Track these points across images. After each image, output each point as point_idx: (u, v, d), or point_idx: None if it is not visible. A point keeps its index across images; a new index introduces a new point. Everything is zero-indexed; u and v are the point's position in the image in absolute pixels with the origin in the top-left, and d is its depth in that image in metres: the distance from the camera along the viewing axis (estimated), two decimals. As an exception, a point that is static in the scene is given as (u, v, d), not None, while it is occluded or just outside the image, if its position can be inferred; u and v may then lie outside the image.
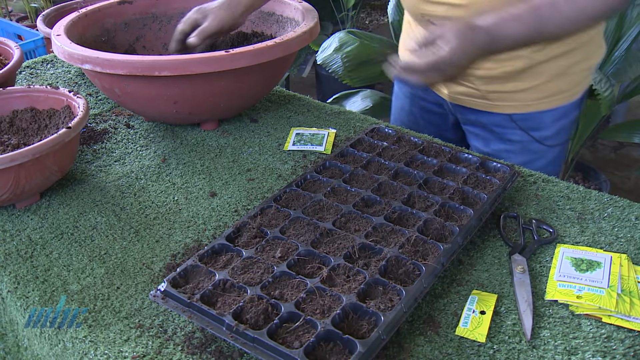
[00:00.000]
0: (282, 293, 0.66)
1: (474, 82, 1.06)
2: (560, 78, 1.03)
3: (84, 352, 0.65)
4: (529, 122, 1.07)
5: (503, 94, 1.05)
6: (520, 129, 1.08)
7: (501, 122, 1.09)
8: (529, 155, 1.10)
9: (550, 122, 1.07)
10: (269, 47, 0.95)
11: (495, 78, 1.03)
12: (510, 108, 1.07)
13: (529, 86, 1.03)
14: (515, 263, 0.74)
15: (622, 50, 1.99)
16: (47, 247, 0.81)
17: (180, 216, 0.87)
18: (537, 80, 1.02)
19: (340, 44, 2.12)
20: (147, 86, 0.96)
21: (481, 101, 1.09)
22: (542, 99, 1.05)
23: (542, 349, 0.63)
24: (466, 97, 1.10)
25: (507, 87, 1.04)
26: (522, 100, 1.05)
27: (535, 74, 1.02)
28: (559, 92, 1.04)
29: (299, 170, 0.98)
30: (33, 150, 0.80)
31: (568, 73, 1.03)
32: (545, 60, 1.00)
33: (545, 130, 1.08)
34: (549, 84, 1.03)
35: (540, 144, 1.08)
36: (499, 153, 1.12)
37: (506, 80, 1.03)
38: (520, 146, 1.10)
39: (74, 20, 1.11)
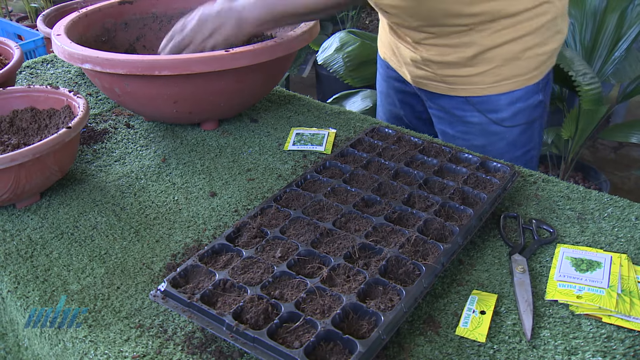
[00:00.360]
0: (282, 293, 0.66)
1: (430, 67, 1.12)
2: (512, 63, 1.07)
3: (84, 352, 0.65)
4: (485, 104, 1.12)
5: (459, 78, 1.11)
6: (478, 111, 1.13)
7: (460, 105, 1.14)
8: (488, 136, 1.15)
9: (506, 104, 1.12)
10: (269, 47, 0.95)
11: (450, 63, 1.09)
12: (466, 91, 1.12)
13: (482, 70, 1.08)
14: (515, 263, 0.74)
15: (622, 51, 1.99)
16: (47, 247, 0.81)
17: (181, 216, 0.87)
18: (489, 65, 1.07)
19: (341, 43, 2.12)
20: (147, 86, 0.96)
21: (440, 85, 1.14)
22: (495, 83, 1.09)
23: (542, 349, 0.63)
24: (427, 81, 1.16)
25: (461, 71, 1.09)
26: (477, 84, 1.10)
27: (487, 60, 1.07)
28: (513, 76, 1.09)
29: (299, 170, 0.98)
30: (33, 150, 0.80)
31: (521, 58, 1.07)
32: (495, 46, 1.05)
33: (501, 112, 1.12)
34: (502, 68, 1.07)
35: (498, 125, 1.13)
36: (462, 135, 1.17)
37: (461, 65, 1.08)
38: (480, 128, 1.15)
39: (75, 20, 1.11)
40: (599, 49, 2.04)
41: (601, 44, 2.03)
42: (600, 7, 2.01)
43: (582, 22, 2.04)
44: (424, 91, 1.20)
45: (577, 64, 1.73)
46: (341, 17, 3.21)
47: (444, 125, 1.21)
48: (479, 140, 1.16)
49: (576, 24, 2.05)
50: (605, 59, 2.03)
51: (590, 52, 2.05)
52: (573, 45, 2.06)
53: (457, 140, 1.19)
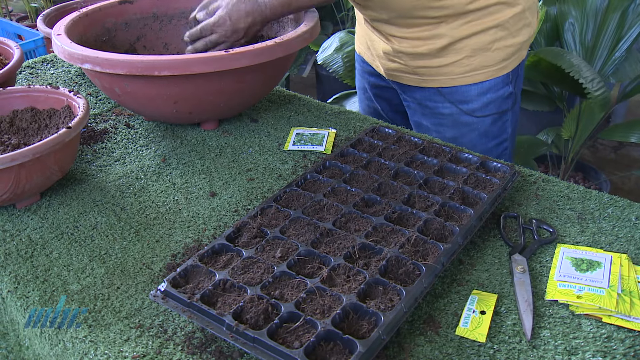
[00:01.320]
0: (282, 293, 0.66)
1: (402, 59, 1.15)
2: (481, 54, 1.11)
3: (84, 352, 0.65)
4: (456, 95, 1.15)
5: (430, 69, 1.14)
6: (449, 102, 1.16)
7: (431, 97, 1.17)
8: (460, 128, 1.19)
9: (476, 95, 1.15)
10: (269, 47, 0.95)
11: (421, 54, 1.12)
12: (437, 82, 1.15)
13: (452, 61, 1.12)
14: (515, 263, 0.74)
15: (622, 50, 1.99)
16: (47, 247, 0.81)
17: (181, 216, 0.87)
18: (459, 55, 1.11)
19: (341, 43, 2.12)
20: (147, 86, 0.96)
21: (412, 76, 1.17)
22: (466, 73, 1.13)
23: (543, 349, 0.63)
24: (399, 73, 1.19)
25: (433, 62, 1.12)
26: (447, 75, 1.13)
27: (457, 50, 1.10)
28: (482, 67, 1.12)
29: (299, 170, 0.98)
30: (33, 150, 0.80)
31: (490, 49, 1.11)
32: (465, 37, 1.09)
33: (472, 103, 1.16)
34: (471, 58, 1.11)
35: (469, 115, 1.17)
36: (435, 127, 1.21)
37: (432, 56, 1.12)
38: (452, 119, 1.18)
39: (75, 19, 1.11)
40: (599, 49, 2.04)
41: (602, 44, 2.03)
42: (601, 7, 2.01)
43: (583, 22, 2.04)
44: (397, 84, 1.23)
45: (584, 70, 1.74)
46: (341, 17, 3.21)
47: (418, 117, 1.24)
48: (451, 132, 1.19)
49: (576, 24, 2.05)
50: (605, 59, 2.03)
51: (591, 52, 2.05)
52: (573, 45, 2.06)
53: (430, 132, 1.22)
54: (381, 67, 1.23)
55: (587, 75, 1.73)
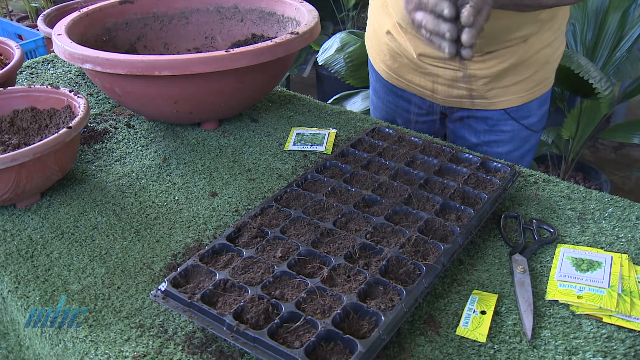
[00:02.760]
0: (283, 293, 0.66)
1: (473, 84, 1.09)
2: (544, 67, 1.09)
3: (85, 352, 0.65)
4: (520, 112, 1.13)
5: (500, 90, 1.10)
6: (513, 119, 1.13)
7: (496, 116, 1.14)
8: (517, 142, 1.16)
9: (536, 109, 1.14)
10: (269, 47, 0.95)
11: (494, 76, 1.07)
12: (505, 103, 1.12)
13: (522, 78, 1.09)
14: (515, 263, 0.74)
15: (623, 51, 1.99)
16: (47, 247, 0.81)
17: (181, 216, 0.87)
18: (528, 72, 1.08)
19: (342, 44, 2.12)
20: (148, 86, 0.96)
21: (479, 101, 1.12)
22: (532, 89, 1.11)
23: (543, 349, 0.63)
24: (462, 99, 1.13)
25: (503, 82, 1.09)
26: (516, 94, 1.10)
27: (527, 66, 1.07)
28: (543, 80, 1.11)
29: (299, 170, 0.98)
30: (34, 150, 0.80)
31: (550, 62, 1.10)
32: (535, 52, 1.06)
33: (532, 117, 1.14)
34: (537, 73, 1.09)
35: (528, 130, 1.15)
36: (488, 143, 1.17)
37: (503, 76, 1.08)
38: (511, 135, 1.15)
39: (75, 19, 1.11)
40: (600, 49, 2.04)
41: (603, 44, 2.03)
42: (602, 8, 2.02)
43: (584, 22, 2.04)
44: (453, 108, 1.17)
45: (592, 70, 1.75)
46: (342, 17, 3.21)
47: (468, 134, 1.18)
48: (506, 147, 1.15)
49: (577, 25, 2.05)
50: (606, 59, 2.03)
51: (592, 52, 2.05)
52: (574, 45, 2.06)
53: (478, 147, 1.16)
54: (438, 95, 1.14)
55: (596, 75, 1.74)
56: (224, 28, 1.29)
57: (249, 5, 1.26)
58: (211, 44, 1.30)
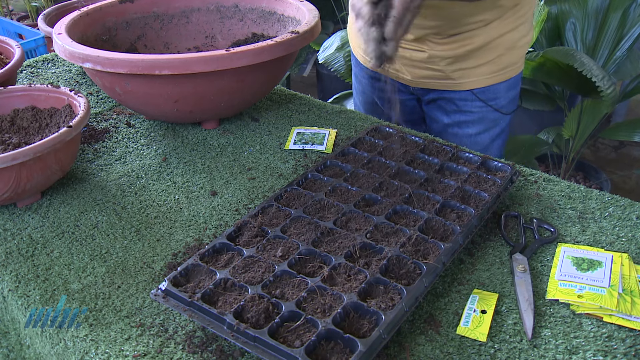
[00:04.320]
0: (283, 292, 0.66)
1: (439, 64, 1.14)
2: (510, 51, 1.13)
3: (85, 351, 0.65)
4: (487, 94, 1.17)
5: (465, 71, 1.14)
6: (480, 101, 1.17)
7: (463, 97, 1.18)
8: (486, 123, 1.20)
9: (504, 92, 1.18)
10: (270, 46, 0.95)
11: (458, 57, 1.12)
12: (472, 84, 1.16)
13: (487, 61, 1.13)
14: (516, 262, 0.74)
15: (623, 50, 1.99)
16: (48, 246, 0.81)
17: (181, 215, 0.87)
18: (492, 54, 1.12)
19: (342, 43, 2.12)
20: (148, 85, 0.96)
21: (445, 81, 1.17)
22: (497, 72, 1.15)
23: (543, 348, 0.63)
24: (430, 80, 1.18)
25: (467, 64, 1.13)
26: (482, 75, 1.15)
27: (491, 49, 1.12)
28: (510, 64, 1.15)
29: (299, 169, 0.98)
30: (34, 149, 0.80)
31: (516, 47, 1.14)
32: (499, 36, 1.10)
33: (500, 99, 1.18)
34: (503, 57, 1.13)
35: (497, 111, 1.19)
36: (458, 124, 1.21)
37: (467, 57, 1.12)
38: (479, 116, 1.20)
39: (76, 19, 1.11)
40: (600, 48, 2.04)
41: (603, 43, 2.03)
42: (602, 7, 2.02)
43: (584, 21, 2.04)
44: (423, 89, 1.22)
45: (595, 69, 1.75)
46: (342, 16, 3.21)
47: (440, 114, 1.23)
48: (476, 128, 1.20)
49: (578, 24, 2.05)
50: (607, 58, 2.03)
51: (592, 51, 2.05)
52: (574, 44, 2.06)
53: (450, 127, 1.22)
54: (408, 75, 1.19)
55: (598, 74, 1.75)
56: (224, 27, 1.29)
57: (249, 5, 1.26)
58: (211, 43, 1.30)
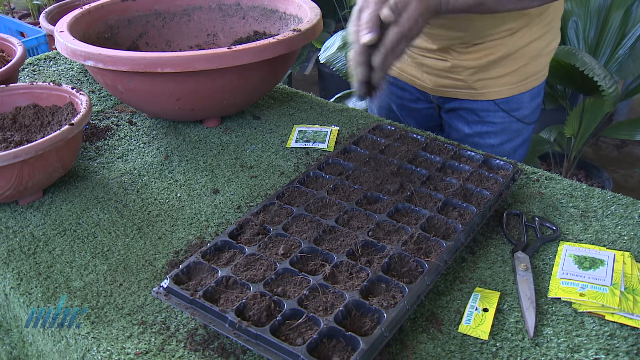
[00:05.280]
0: (285, 290, 0.66)
1: (462, 74, 1.11)
2: (535, 60, 1.10)
3: (87, 349, 0.65)
4: (510, 104, 1.14)
5: (488, 81, 1.11)
6: (503, 111, 1.15)
7: (486, 107, 1.15)
8: (509, 134, 1.17)
9: (527, 102, 1.15)
10: (271, 44, 0.95)
11: (482, 67, 1.09)
12: (494, 94, 1.13)
13: (511, 70, 1.10)
14: (518, 261, 0.74)
15: (626, 48, 1.99)
16: (49, 244, 0.81)
17: (183, 213, 0.87)
18: (517, 64, 1.09)
19: (344, 42, 2.11)
20: (150, 83, 0.96)
21: (467, 91, 1.14)
22: (521, 82, 1.12)
23: (545, 346, 0.63)
24: (451, 89, 1.16)
25: (491, 73, 1.10)
26: (505, 85, 1.11)
27: (516, 59, 1.08)
28: (534, 73, 1.12)
29: (301, 167, 0.97)
30: (36, 147, 0.80)
31: (541, 55, 1.11)
32: (525, 45, 1.07)
33: (524, 109, 1.15)
34: (527, 66, 1.10)
35: (520, 122, 1.16)
36: (480, 134, 1.18)
37: (491, 67, 1.09)
38: (502, 127, 1.17)
39: (77, 16, 1.11)
40: (602, 47, 2.03)
41: (605, 42, 2.03)
42: (604, 5, 2.01)
43: (586, 20, 2.04)
44: (443, 98, 1.19)
45: (597, 68, 1.75)
46: (343, 14, 3.20)
47: (461, 124, 1.19)
48: (497, 139, 1.17)
49: (580, 22, 2.05)
50: (609, 57, 2.03)
51: (594, 49, 2.04)
52: (577, 43, 2.05)
53: (470, 137, 1.18)
54: (429, 83, 1.17)
55: (600, 73, 1.74)
56: (226, 25, 1.29)
57: (251, 3, 1.26)
58: (213, 41, 1.30)
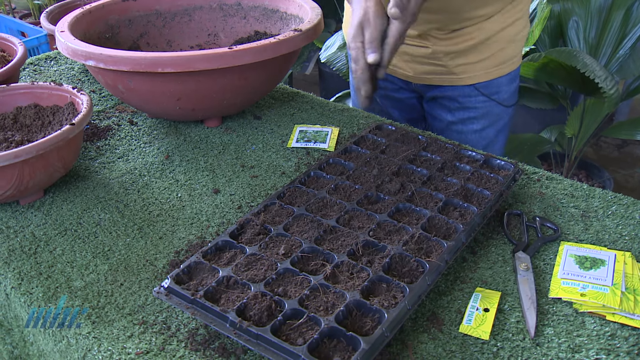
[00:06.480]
0: (286, 290, 0.66)
1: (442, 59, 1.15)
2: (510, 45, 1.15)
3: (88, 349, 0.65)
4: (489, 88, 1.18)
5: (467, 66, 1.15)
6: (483, 95, 1.19)
7: (466, 92, 1.19)
8: (490, 118, 1.21)
9: (505, 85, 1.20)
10: (272, 44, 0.95)
11: (460, 52, 1.13)
12: (474, 78, 1.17)
13: (488, 55, 1.14)
14: (519, 261, 0.74)
15: (626, 48, 1.99)
16: (50, 244, 0.81)
17: (184, 213, 0.87)
18: (494, 49, 1.14)
19: (344, 42, 2.11)
20: (151, 83, 0.96)
21: (448, 77, 1.18)
22: (498, 66, 1.16)
23: (546, 346, 0.63)
24: (432, 76, 1.19)
25: (470, 58, 1.14)
26: (483, 69, 1.16)
27: (493, 44, 1.13)
28: (510, 58, 1.17)
29: (302, 167, 0.97)
30: (37, 147, 0.80)
31: (515, 40, 1.16)
32: (500, 30, 1.12)
33: (502, 93, 1.20)
34: (503, 51, 1.15)
35: (500, 105, 1.20)
36: (462, 121, 1.22)
37: (469, 52, 1.13)
38: (483, 111, 1.21)
39: (78, 16, 1.11)
40: (603, 47, 2.03)
41: (606, 42, 2.03)
42: (605, 5, 2.01)
43: (587, 20, 2.03)
44: (426, 86, 1.22)
45: (597, 69, 1.75)
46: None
47: (443, 112, 1.23)
48: (480, 123, 1.21)
49: (580, 22, 2.05)
50: (610, 57, 2.03)
51: (595, 49, 2.04)
52: (577, 43, 2.05)
53: (453, 125, 1.23)
54: (411, 71, 1.20)
55: (601, 74, 1.74)
56: (226, 25, 1.29)
57: (252, 2, 1.26)
58: (214, 41, 1.30)
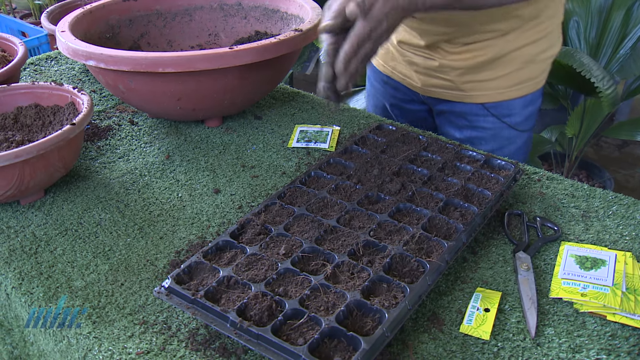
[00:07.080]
0: (286, 290, 0.66)
1: (449, 74, 1.10)
2: (528, 66, 1.07)
3: (88, 348, 0.65)
4: (501, 109, 1.11)
5: (477, 84, 1.09)
6: (493, 116, 1.12)
7: (475, 111, 1.13)
8: (500, 141, 1.14)
9: (520, 108, 1.11)
10: (273, 44, 0.95)
11: (470, 68, 1.07)
12: (483, 97, 1.10)
13: (501, 74, 1.07)
14: (519, 261, 0.74)
15: (627, 48, 1.98)
16: (51, 244, 0.81)
17: (184, 213, 0.87)
18: (508, 68, 1.06)
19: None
20: (151, 83, 0.96)
21: (455, 92, 1.12)
22: (512, 87, 1.09)
23: (547, 346, 0.63)
24: (440, 90, 1.14)
25: (480, 76, 1.08)
26: (495, 89, 1.09)
27: (507, 62, 1.06)
28: (528, 79, 1.09)
29: (303, 167, 0.97)
30: (37, 147, 0.80)
31: (536, 61, 1.07)
32: (516, 49, 1.04)
33: (516, 116, 1.12)
34: (520, 71, 1.07)
35: (512, 129, 1.13)
36: (470, 140, 1.15)
37: (480, 69, 1.07)
38: (492, 133, 1.14)
39: (79, 16, 1.11)
40: (604, 47, 2.03)
41: (606, 42, 2.02)
42: (605, 5, 2.01)
43: (587, 20, 2.03)
44: (433, 99, 1.18)
45: (595, 69, 1.74)
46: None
47: (452, 129, 1.18)
48: (489, 145, 1.14)
49: (581, 22, 2.04)
50: (610, 57, 2.03)
51: (595, 49, 2.04)
52: (578, 43, 2.05)
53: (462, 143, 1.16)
54: (418, 82, 1.16)
55: (598, 74, 1.74)
56: (227, 25, 1.29)
57: (252, 3, 1.26)
58: (215, 41, 1.30)
